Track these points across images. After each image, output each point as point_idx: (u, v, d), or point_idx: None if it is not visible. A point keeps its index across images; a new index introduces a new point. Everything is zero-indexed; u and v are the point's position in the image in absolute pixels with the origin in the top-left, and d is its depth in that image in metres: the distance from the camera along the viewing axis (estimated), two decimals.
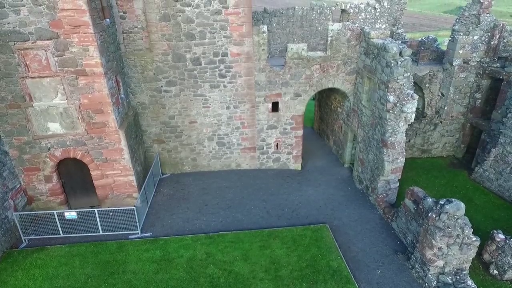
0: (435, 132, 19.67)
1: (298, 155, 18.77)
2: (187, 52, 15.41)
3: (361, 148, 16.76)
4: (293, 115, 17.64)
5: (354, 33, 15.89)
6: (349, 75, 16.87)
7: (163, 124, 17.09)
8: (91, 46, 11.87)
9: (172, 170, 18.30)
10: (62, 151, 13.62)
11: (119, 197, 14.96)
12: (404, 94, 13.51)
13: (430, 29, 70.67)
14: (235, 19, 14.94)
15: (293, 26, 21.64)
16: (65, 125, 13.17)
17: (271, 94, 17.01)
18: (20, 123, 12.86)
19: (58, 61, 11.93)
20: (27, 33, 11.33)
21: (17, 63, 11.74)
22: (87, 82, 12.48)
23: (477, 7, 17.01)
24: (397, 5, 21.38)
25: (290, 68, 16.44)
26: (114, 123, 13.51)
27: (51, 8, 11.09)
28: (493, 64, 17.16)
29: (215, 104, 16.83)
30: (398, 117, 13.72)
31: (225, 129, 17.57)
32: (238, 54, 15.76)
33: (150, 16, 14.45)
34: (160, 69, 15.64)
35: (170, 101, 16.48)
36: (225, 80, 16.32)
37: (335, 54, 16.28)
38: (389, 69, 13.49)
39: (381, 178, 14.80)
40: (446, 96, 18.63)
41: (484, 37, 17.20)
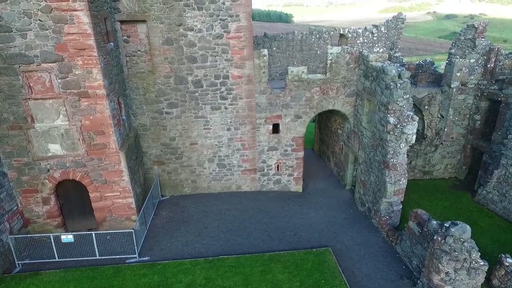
0: (436, 154, 19.63)
1: (299, 177, 18.63)
2: (189, 74, 15.64)
3: (363, 169, 16.65)
4: (293, 137, 17.66)
5: (353, 56, 16.21)
6: (349, 97, 17.05)
7: (164, 146, 17.07)
8: (94, 68, 12.06)
9: (172, 192, 18.09)
10: (61, 172, 13.50)
11: (117, 219, 14.68)
12: (404, 115, 13.59)
13: (426, 53, 72.42)
14: (237, 43, 15.29)
15: (292, 50, 22.11)
16: (66, 146, 13.14)
17: (271, 116, 17.11)
18: (21, 144, 12.83)
19: (61, 83, 12.07)
20: (33, 56, 11.54)
21: (20, 85, 11.87)
22: (89, 103, 12.57)
23: (472, 32, 17.46)
24: (394, 30, 21.97)
25: (290, 91, 16.64)
26: (115, 145, 13.48)
27: (57, 32, 11.35)
28: (491, 87, 17.39)
29: (216, 126, 16.89)
30: (399, 138, 13.72)
31: (226, 151, 17.54)
32: (239, 76, 16.00)
33: (153, 40, 14.79)
34: (162, 91, 15.82)
35: (171, 122, 16.55)
36: (226, 102, 16.47)
37: (335, 76, 16.53)
38: (388, 91, 13.64)
39: (383, 200, 14.60)
40: (446, 118, 18.75)
41: (481, 60, 17.55)
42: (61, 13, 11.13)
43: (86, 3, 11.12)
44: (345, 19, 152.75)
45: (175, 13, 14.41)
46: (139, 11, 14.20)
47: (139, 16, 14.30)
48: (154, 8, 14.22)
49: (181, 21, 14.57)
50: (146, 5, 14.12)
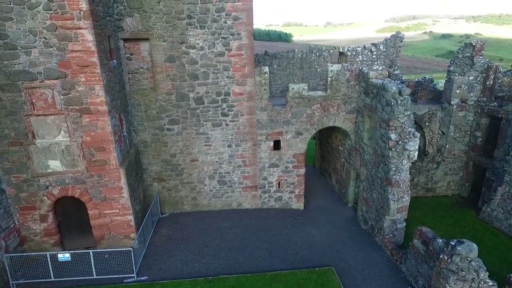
0: (438, 171, 19.50)
1: (300, 194, 18.43)
2: (191, 91, 15.75)
3: (365, 186, 16.49)
4: (294, 153, 17.59)
5: (353, 74, 16.37)
6: (349, 114, 17.10)
7: (164, 162, 16.97)
8: (97, 85, 12.14)
9: (172, 209, 17.84)
10: (60, 189, 13.35)
11: (116, 237, 14.39)
12: (405, 132, 13.57)
13: (424, 71, 73.46)
14: (238, 61, 15.48)
15: (293, 68, 22.36)
16: (66, 162, 13.05)
17: (272, 133, 17.11)
18: (20, 161, 12.74)
19: (63, 99, 12.13)
20: (36, 72, 11.64)
21: (23, 101, 11.92)
22: (90, 120, 12.58)
23: (470, 50, 17.72)
24: (392, 48, 22.32)
25: (291, 107, 16.71)
26: (115, 161, 13.40)
27: (62, 49, 11.50)
28: (491, 103, 17.48)
29: (217, 142, 16.86)
30: (401, 155, 13.65)
31: (227, 167, 17.42)
32: (240, 93, 16.10)
33: (156, 57, 14.98)
34: (163, 108, 15.88)
35: (172, 139, 16.52)
36: (227, 119, 16.50)
37: (335, 93, 16.64)
38: (389, 107, 13.69)
39: (387, 217, 14.37)
40: (447, 135, 18.75)
41: (479, 78, 17.72)
42: (66, 31, 11.31)
43: (90, 21, 11.31)
44: (344, 38, 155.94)
45: (178, 32, 14.66)
46: (142, 29, 14.46)
47: (142, 34, 14.54)
48: (157, 27, 14.48)
49: (184, 39, 14.81)
50: (150, 23, 14.39)
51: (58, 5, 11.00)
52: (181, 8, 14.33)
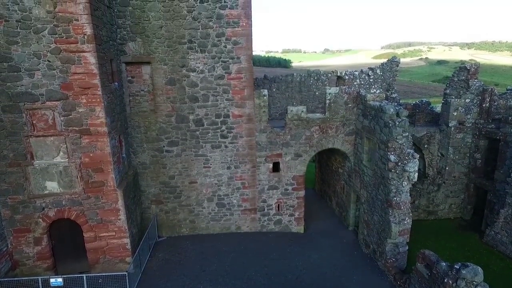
0: (439, 193, 19.32)
1: (300, 217, 18.14)
2: (190, 113, 15.91)
3: (365, 209, 16.26)
4: (294, 175, 17.49)
5: (351, 96, 16.61)
6: (348, 136, 17.18)
7: (163, 184, 16.84)
8: (98, 106, 12.28)
9: (169, 232, 17.49)
10: (56, 211, 13.15)
11: (111, 261, 14.01)
12: (404, 153, 13.57)
13: (422, 96, 74.58)
14: (237, 83, 15.75)
15: (292, 91, 22.71)
16: (63, 184, 12.94)
17: (272, 155, 17.10)
18: (18, 182, 12.64)
19: (64, 120, 12.22)
20: (38, 94, 11.81)
21: (24, 122, 12.00)
22: (90, 141, 12.61)
23: (464, 73, 18.10)
24: (389, 72, 22.77)
25: (290, 129, 16.81)
26: (113, 182, 13.30)
27: (64, 72, 11.74)
28: (488, 125, 17.61)
29: (216, 164, 16.81)
30: (401, 176, 13.57)
31: (226, 190, 17.27)
32: (240, 115, 16.26)
33: (157, 80, 15.26)
34: (163, 129, 15.97)
35: (171, 161, 16.49)
36: (226, 141, 16.55)
37: (334, 116, 16.80)
38: (387, 129, 13.77)
39: (388, 241, 14.06)
40: (446, 157, 18.74)
41: (476, 100, 17.97)
42: (69, 54, 11.60)
43: (94, 45, 11.63)
44: (341, 64, 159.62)
45: (179, 56, 15.03)
46: (144, 53, 14.83)
47: (144, 58, 14.90)
48: (159, 51, 14.86)
49: (184, 63, 15.16)
50: (152, 48, 14.78)
51: (63, 30, 11.35)
52: (182, 33, 14.78)
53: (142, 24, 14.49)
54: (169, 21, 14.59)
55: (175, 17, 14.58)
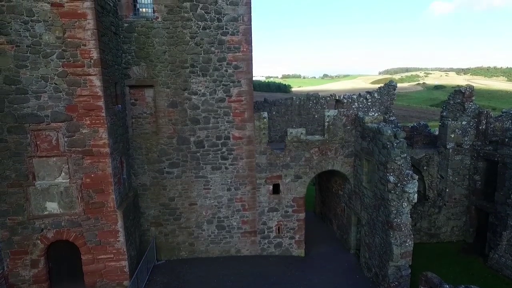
0: (440, 215, 19.19)
1: (300, 240, 17.92)
2: (192, 135, 16.16)
3: (366, 231, 16.12)
4: (294, 197, 17.47)
5: (349, 119, 16.93)
6: (347, 158, 17.32)
7: (163, 206, 16.80)
8: (101, 128, 12.54)
9: (168, 255, 17.22)
10: (55, 232, 13.07)
11: (108, 285, 13.74)
12: (403, 174, 13.67)
13: (420, 119, 75.17)
14: (238, 106, 16.12)
15: (291, 114, 23.10)
16: (63, 204, 12.96)
17: (272, 176, 17.18)
18: (18, 202, 12.66)
19: (67, 141, 12.44)
20: (43, 115, 12.10)
21: (27, 143, 12.21)
22: (92, 161, 12.77)
23: (460, 96, 18.52)
24: (386, 95, 23.25)
25: (290, 151, 16.99)
26: (113, 203, 13.31)
27: (70, 94, 12.10)
28: (486, 147, 17.79)
29: (216, 186, 16.85)
30: (400, 197, 13.59)
31: (225, 212, 17.19)
32: (240, 137, 16.50)
33: (159, 103, 15.63)
34: (164, 151, 16.16)
35: (172, 182, 16.55)
36: (226, 162, 16.69)
37: (333, 138, 17.04)
38: (386, 150, 13.95)
39: (390, 264, 13.84)
40: (446, 178, 18.78)
41: (472, 123, 18.27)
42: (76, 77, 12.01)
43: (100, 69, 12.06)
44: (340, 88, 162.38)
45: (181, 79, 15.49)
46: (147, 77, 15.30)
47: (148, 81, 15.35)
48: (162, 75, 15.34)
49: (186, 86, 15.60)
50: (155, 72, 15.27)
51: (71, 54, 11.82)
52: (185, 58, 15.32)
53: (147, 49, 15.06)
54: (172, 47, 15.17)
55: (178, 43, 15.18)
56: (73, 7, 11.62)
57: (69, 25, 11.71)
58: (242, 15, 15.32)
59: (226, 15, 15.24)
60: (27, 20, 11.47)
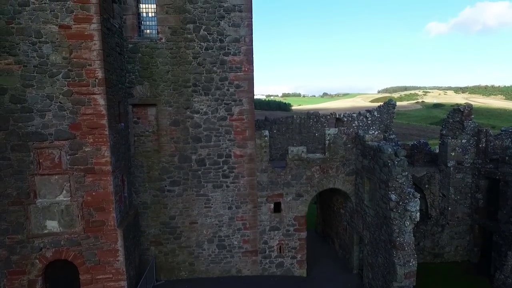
0: (443, 234, 18.97)
1: (302, 260, 17.64)
2: (193, 153, 16.23)
3: (369, 251, 15.90)
4: (295, 216, 17.35)
5: (350, 137, 17.05)
6: (348, 176, 17.32)
7: (163, 225, 16.65)
8: (104, 146, 12.64)
9: (168, 276, 16.90)
10: (54, 251, 12.92)
11: None
12: (405, 192, 13.63)
13: (420, 138, 75.35)
14: (239, 125, 16.28)
15: (292, 133, 23.25)
16: (63, 223, 12.87)
17: (273, 195, 17.12)
18: (18, 221, 12.58)
19: (70, 159, 12.51)
20: (47, 134, 12.23)
21: (30, 161, 12.28)
22: (94, 179, 12.79)
23: (459, 115, 18.72)
24: (386, 114, 23.48)
25: (291, 169, 17.02)
26: (114, 222, 13.22)
27: (74, 113, 12.28)
28: (487, 165, 17.81)
29: (217, 204, 16.77)
30: (402, 216, 13.49)
31: (226, 231, 17.02)
32: (241, 155, 16.57)
33: (161, 121, 15.81)
34: (165, 169, 16.19)
35: (172, 200, 16.48)
36: (228, 180, 16.68)
37: (334, 156, 17.10)
38: (387, 168, 13.98)
39: (394, 284, 13.56)
40: (448, 197, 18.70)
41: (472, 141, 18.38)
42: (80, 96, 12.23)
43: (104, 88, 12.30)
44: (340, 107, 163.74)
45: (184, 98, 15.74)
46: (150, 96, 15.55)
47: (151, 100, 15.59)
48: (165, 94, 15.60)
49: (189, 105, 15.82)
50: (158, 91, 15.54)
51: (76, 74, 12.10)
52: (187, 77, 15.62)
53: (150, 69, 15.39)
54: (175, 66, 15.51)
55: (181, 63, 15.52)
56: (80, 29, 11.99)
57: (75, 46, 12.04)
58: (243, 36, 15.74)
59: (228, 36, 15.66)
60: (35, 41, 11.81)
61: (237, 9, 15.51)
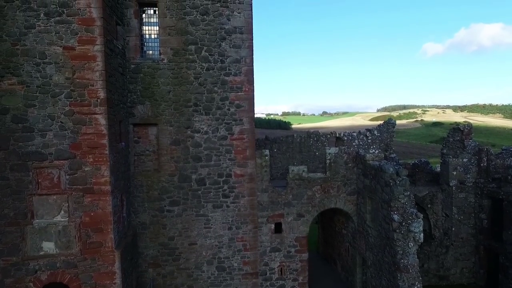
0: (448, 256, 18.56)
1: (304, 282, 17.20)
2: (193, 173, 16.13)
3: (372, 273, 15.52)
4: (297, 237, 17.05)
5: (351, 156, 17.02)
6: (350, 196, 17.15)
7: (161, 246, 16.32)
8: (103, 165, 12.55)
9: None
10: (49, 274, 12.56)
11: None
12: (408, 213, 13.45)
13: (420, 156, 75.26)
14: (240, 144, 16.26)
15: (292, 152, 23.22)
16: (60, 244, 12.60)
17: (273, 215, 16.90)
18: (14, 242, 12.30)
19: (69, 179, 12.39)
20: (47, 153, 12.16)
21: (29, 181, 12.15)
22: (92, 199, 12.62)
23: (459, 134, 18.74)
24: (386, 133, 23.52)
25: (292, 189, 16.88)
26: (111, 243, 12.95)
27: (75, 132, 12.27)
28: (489, 185, 17.66)
29: (217, 225, 16.50)
30: (406, 237, 13.25)
31: (226, 252, 16.67)
32: (242, 175, 16.45)
33: (162, 140, 15.80)
34: (165, 189, 16.04)
35: (172, 221, 16.23)
36: (228, 200, 16.49)
37: (335, 175, 17.00)
38: (388, 188, 13.86)
39: None
40: (451, 217, 18.44)
41: (473, 160, 18.31)
42: (82, 116, 12.25)
43: (105, 108, 12.36)
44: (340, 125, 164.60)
45: (185, 117, 15.80)
46: (151, 115, 15.61)
47: (152, 120, 15.64)
48: (166, 113, 15.67)
49: (189, 124, 15.86)
50: (159, 110, 15.62)
51: (78, 94, 12.18)
52: (189, 97, 15.75)
53: (152, 89, 15.53)
54: (177, 86, 15.66)
55: (182, 83, 15.68)
56: (84, 50, 12.18)
57: (79, 67, 12.19)
58: (244, 57, 15.99)
59: (229, 57, 15.90)
60: (39, 62, 11.96)
61: (238, 31, 15.84)
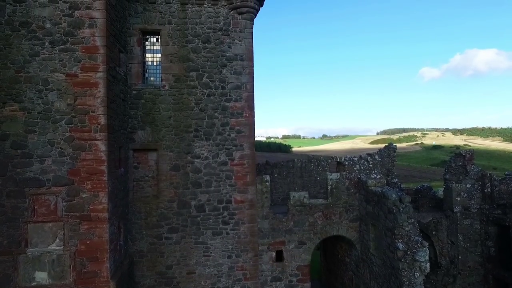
0: (456, 286, 17.89)
1: None
2: (193, 199, 15.87)
3: None
4: (298, 265, 16.53)
5: (352, 182, 16.81)
6: (352, 222, 16.79)
7: (159, 275, 15.77)
8: (101, 192, 12.34)
9: None
10: None
11: None
12: (412, 241, 13.09)
13: (422, 179, 74.83)
14: (240, 169, 16.11)
15: (293, 177, 23.02)
16: (54, 274, 12.15)
17: (274, 242, 16.47)
18: (5, 272, 11.87)
19: (66, 206, 12.15)
20: (45, 179, 11.99)
21: (25, 208, 11.91)
22: (89, 227, 12.30)
23: (461, 159, 18.62)
24: (387, 158, 23.42)
25: (293, 215, 16.55)
26: (107, 273, 12.49)
27: (74, 158, 12.16)
28: (494, 211, 17.33)
29: (216, 253, 16.03)
30: (412, 267, 12.82)
31: (226, 282, 16.08)
32: (242, 201, 16.18)
33: (161, 166, 15.66)
34: (164, 215, 15.71)
35: (170, 249, 15.78)
36: (228, 227, 16.12)
37: (336, 201, 16.72)
38: (392, 215, 13.57)
39: None
40: (457, 244, 17.95)
41: (476, 186, 18.07)
42: (81, 142, 12.18)
43: (106, 134, 12.33)
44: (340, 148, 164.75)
45: (185, 143, 15.75)
46: (152, 141, 15.57)
47: (152, 145, 15.59)
48: (166, 139, 15.64)
49: (190, 150, 15.78)
50: (159, 136, 15.60)
51: (79, 120, 12.18)
52: (189, 123, 15.78)
53: (153, 114, 15.58)
54: (177, 112, 15.72)
55: (183, 109, 15.77)
56: (86, 77, 12.31)
57: (80, 93, 12.27)
58: (245, 83, 16.18)
59: (230, 83, 16.09)
60: (42, 89, 12.05)
61: (239, 58, 16.12)
